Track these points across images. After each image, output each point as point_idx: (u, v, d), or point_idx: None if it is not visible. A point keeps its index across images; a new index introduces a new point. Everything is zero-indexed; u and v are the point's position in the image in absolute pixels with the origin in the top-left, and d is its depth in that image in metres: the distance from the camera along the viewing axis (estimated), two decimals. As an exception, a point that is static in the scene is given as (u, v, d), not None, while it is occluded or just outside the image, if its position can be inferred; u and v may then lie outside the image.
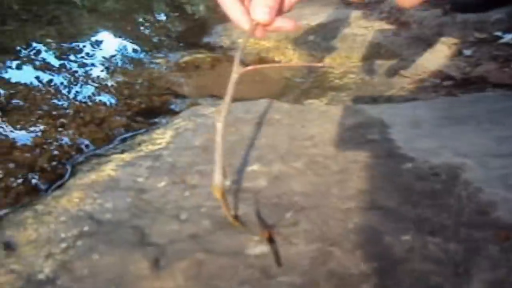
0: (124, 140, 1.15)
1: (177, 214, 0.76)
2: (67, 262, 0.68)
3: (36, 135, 1.18)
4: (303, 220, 0.70)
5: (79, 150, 1.11)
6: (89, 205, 0.82)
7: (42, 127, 1.22)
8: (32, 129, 1.21)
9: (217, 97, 1.42)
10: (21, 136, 1.18)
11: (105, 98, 1.41)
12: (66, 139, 1.15)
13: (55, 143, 1.14)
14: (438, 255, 0.61)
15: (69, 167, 1.04)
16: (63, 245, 0.72)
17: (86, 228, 0.76)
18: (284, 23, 0.70)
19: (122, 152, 1.04)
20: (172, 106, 1.35)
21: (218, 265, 0.64)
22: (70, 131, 1.19)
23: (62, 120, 1.26)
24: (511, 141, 0.86)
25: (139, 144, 1.07)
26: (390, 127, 0.97)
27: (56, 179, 1.01)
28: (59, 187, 0.94)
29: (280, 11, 0.70)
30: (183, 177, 0.88)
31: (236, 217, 0.73)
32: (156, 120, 1.27)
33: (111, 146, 1.12)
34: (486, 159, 0.81)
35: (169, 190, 0.84)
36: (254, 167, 0.88)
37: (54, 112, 1.31)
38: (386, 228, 0.67)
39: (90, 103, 1.37)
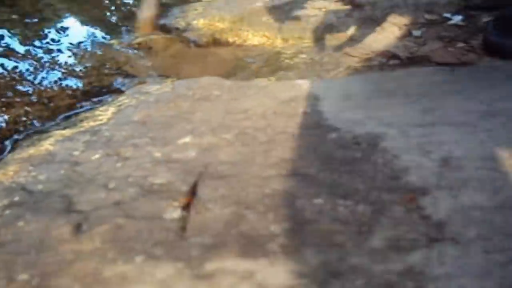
0: (68, 117, 1.16)
1: (106, 183, 0.78)
2: (-8, 230, 0.70)
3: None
4: (223, 187, 0.73)
5: (22, 128, 1.12)
6: (23, 177, 0.84)
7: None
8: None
9: (166, 76, 1.43)
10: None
11: (55, 77, 1.41)
12: (9, 118, 1.16)
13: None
14: (346, 217, 0.64)
15: (9, 144, 1.05)
16: (-9, 214, 0.73)
17: (16, 198, 0.77)
18: None
19: (64, 128, 1.05)
20: (120, 86, 1.36)
21: (136, 228, 0.66)
22: (16, 110, 1.19)
23: (8, 100, 1.26)
24: (435, 112, 0.89)
25: (81, 120, 1.08)
26: (322, 100, 1.00)
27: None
28: (-2, 162, 0.95)
29: None
30: (117, 149, 0.89)
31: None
32: (103, 98, 1.27)
33: (53, 123, 1.13)
34: (407, 128, 0.84)
35: (102, 162, 0.86)
36: (186, 139, 0.89)
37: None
38: (300, 193, 0.69)
39: (38, 84, 1.37)
